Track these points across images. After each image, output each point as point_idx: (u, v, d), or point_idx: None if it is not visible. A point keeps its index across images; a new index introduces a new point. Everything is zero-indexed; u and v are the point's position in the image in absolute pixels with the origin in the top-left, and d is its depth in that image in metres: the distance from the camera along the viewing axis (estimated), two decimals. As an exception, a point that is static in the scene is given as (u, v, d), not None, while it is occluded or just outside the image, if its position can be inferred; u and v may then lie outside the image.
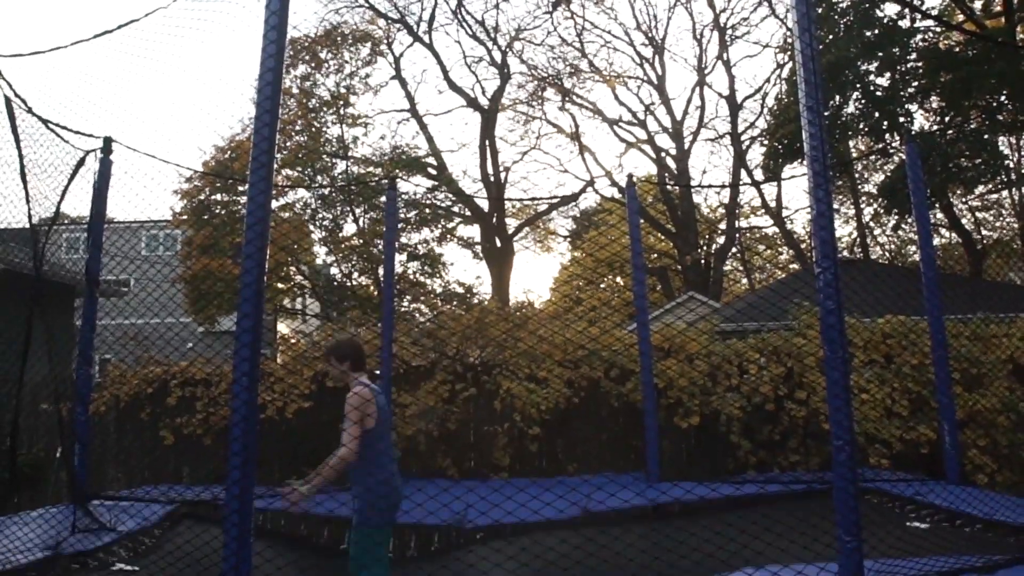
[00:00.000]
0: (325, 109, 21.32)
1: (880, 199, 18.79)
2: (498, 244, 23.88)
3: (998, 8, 15.72)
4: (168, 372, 6.85)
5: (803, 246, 26.06)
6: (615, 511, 4.78)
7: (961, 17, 16.13)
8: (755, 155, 24.14)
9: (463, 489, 4.60)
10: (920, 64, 15.51)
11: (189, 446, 6.65)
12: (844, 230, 24.60)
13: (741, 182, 25.06)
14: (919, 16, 15.43)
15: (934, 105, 16.35)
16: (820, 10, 15.59)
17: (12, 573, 3.55)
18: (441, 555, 4.23)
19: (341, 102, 21.32)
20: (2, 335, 5.24)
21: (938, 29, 15.67)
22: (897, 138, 15.91)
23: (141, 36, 4.12)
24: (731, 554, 3.39)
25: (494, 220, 24.11)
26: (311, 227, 20.83)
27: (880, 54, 15.59)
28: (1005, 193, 21.30)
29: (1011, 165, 17.03)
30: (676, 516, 4.37)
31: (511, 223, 26.02)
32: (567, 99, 25.82)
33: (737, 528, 3.93)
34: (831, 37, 15.80)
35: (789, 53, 21.19)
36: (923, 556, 3.31)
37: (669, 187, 25.14)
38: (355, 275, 21.49)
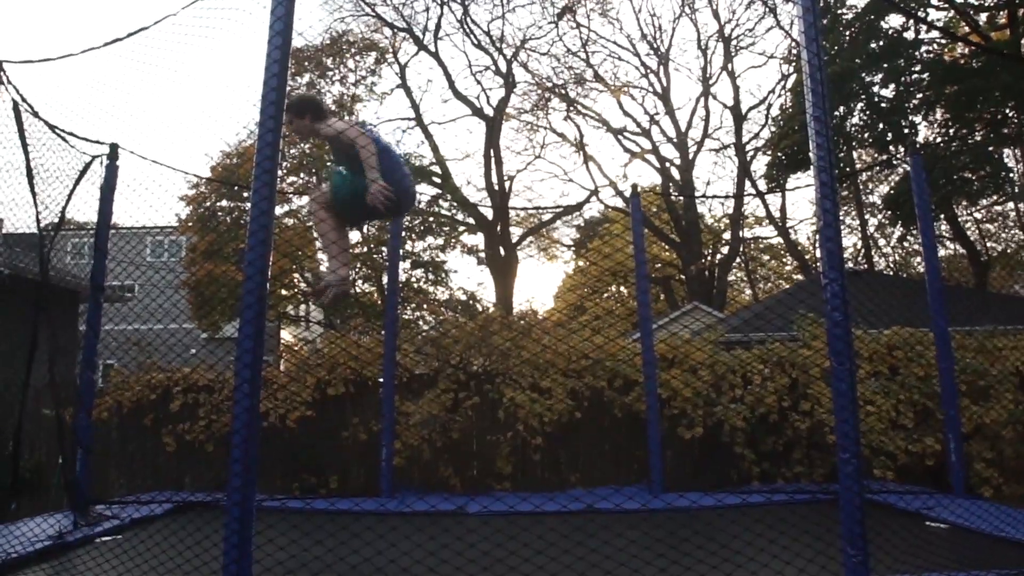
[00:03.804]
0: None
1: (885, 210, 18.78)
2: (502, 253, 23.87)
3: (1003, 20, 15.73)
4: (171, 378, 6.84)
5: (807, 257, 26.03)
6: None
7: (966, 29, 16.14)
8: (759, 165, 24.16)
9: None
10: (925, 76, 15.52)
11: (191, 453, 6.64)
12: (848, 241, 24.56)
13: (745, 192, 25.06)
14: (924, 28, 15.46)
15: (939, 117, 16.36)
16: (825, 21, 15.62)
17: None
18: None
19: (346, 111, 21.39)
20: (7, 339, 5.24)
21: (943, 41, 15.69)
22: (901, 150, 15.91)
23: (150, 43, 4.14)
24: (736, 567, 3.36)
25: (498, 228, 24.13)
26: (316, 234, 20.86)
27: (885, 66, 15.62)
28: (1010, 205, 21.26)
29: (1016, 177, 17.00)
30: (679, 526, 4.35)
31: (515, 232, 26.03)
32: (572, 109, 25.90)
33: (741, 540, 3.90)
34: (836, 48, 15.84)
35: (794, 64, 21.25)
36: (929, 570, 3.27)
37: (673, 197, 25.14)
38: (359, 282, 21.50)
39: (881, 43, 15.59)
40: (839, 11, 16.43)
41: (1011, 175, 15.91)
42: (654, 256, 26.35)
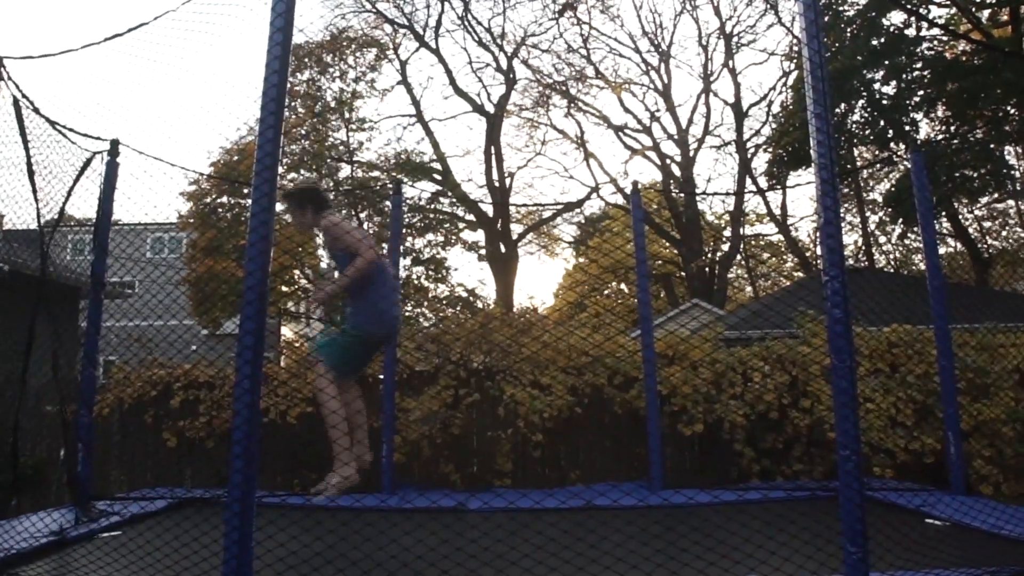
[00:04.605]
0: (328, 114, 21.39)
1: (886, 208, 18.78)
2: (502, 249, 23.87)
3: (1005, 17, 15.70)
4: (172, 375, 6.85)
5: (807, 254, 26.04)
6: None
7: (968, 26, 16.11)
8: (760, 162, 24.17)
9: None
10: (926, 73, 15.51)
11: (192, 449, 6.65)
12: (849, 238, 24.56)
13: (746, 190, 25.07)
14: (925, 25, 15.45)
15: (940, 114, 16.35)
16: (827, 18, 15.60)
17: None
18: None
19: (346, 107, 21.38)
20: (7, 336, 5.24)
21: (944, 38, 15.67)
22: (902, 147, 15.91)
23: (150, 39, 4.13)
24: (734, 563, 3.37)
25: (499, 225, 24.13)
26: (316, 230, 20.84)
27: (886, 62, 15.61)
28: (1011, 202, 21.26)
29: (1017, 175, 16.98)
30: (678, 523, 4.35)
31: (516, 228, 26.04)
32: (573, 105, 25.89)
33: (740, 536, 3.90)
34: (837, 45, 15.82)
35: (795, 61, 21.23)
36: (929, 567, 3.28)
37: (674, 194, 25.13)
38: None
39: (882, 40, 15.57)
40: (840, 8, 16.41)
41: (1012, 172, 15.90)
42: (654, 253, 26.38)
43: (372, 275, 3.64)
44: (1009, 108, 14.65)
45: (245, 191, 16.81)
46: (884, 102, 16.10)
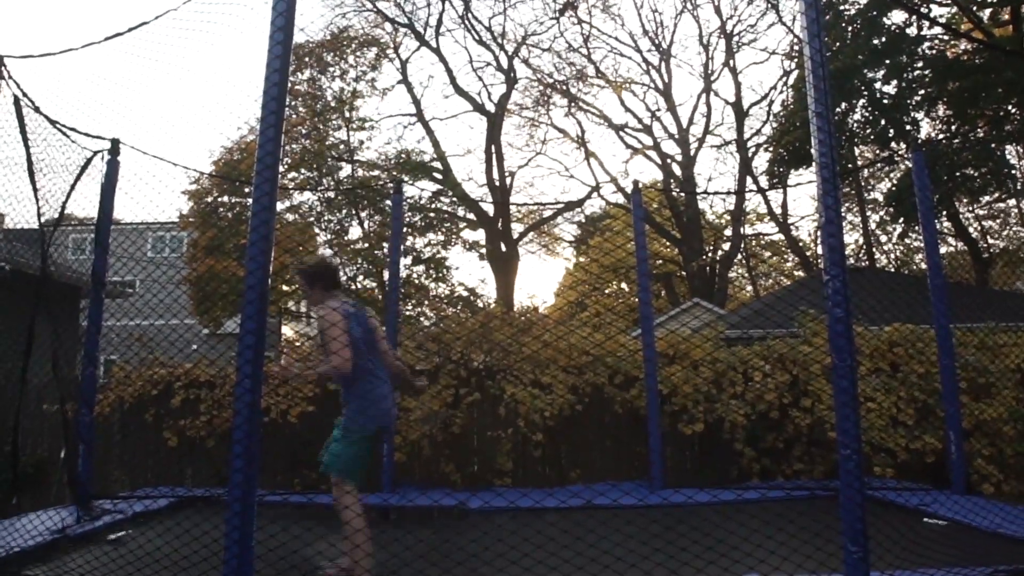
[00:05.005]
0: (329, 113, 21.38)
1: (886, 207, 18.76)
2: (503, 249, 23.85)
3: (1006, 17, 15.68)
4: (172, 374, 6.85)
5: (808, 253, 26.02)
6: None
7: (969, 25, 16.08)
8: (761, 162, 24.13)
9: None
10: (927, 72, 15.49)
11: (192, 448, 6.65)
12: (850, 237, 24.52)
13: (747, 189, 25.04)
14: (926, 24, 15.42)
15: (941, 113, 16.33)
16: (828, 17, 15.59)
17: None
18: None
19: (346, 106, 21.37)
20: (8, 336, 5.24)
21: (945, 37, 15.65)
22: (903, 146, 15.89)
23: (151, 38, 4.14)
24: (733, 562, 3.37)
25: (499, 225, 24.11)
26: (316, 230, 20.89)
27: (887, 62, 15.59)
28: (1012, 202, 21.23)
29: (1018, 174, 16.96)
30: (677, 522, 4.35)
31: (516, 228, 26.02)
32: (573, 104, 25.87)
33: (739, 536, 3.90)
34: (838, 44, 15.80)
35: (796, 60, 21.21)
36: (930, 567, 3.28)
37: (675, 193, 25.12)
38: (360, 278, 21.50)
39: (883, 39, 15.55)
40: (841, 7, 16.40)
41: (1013, 172, 15.88)
42: (655, 252, 26.36)
43: (360, 374, 3.69)
44: (1010, 107, 14.63)
45: (246, 190, 16.82)
46: (885, 101, 16.09)
